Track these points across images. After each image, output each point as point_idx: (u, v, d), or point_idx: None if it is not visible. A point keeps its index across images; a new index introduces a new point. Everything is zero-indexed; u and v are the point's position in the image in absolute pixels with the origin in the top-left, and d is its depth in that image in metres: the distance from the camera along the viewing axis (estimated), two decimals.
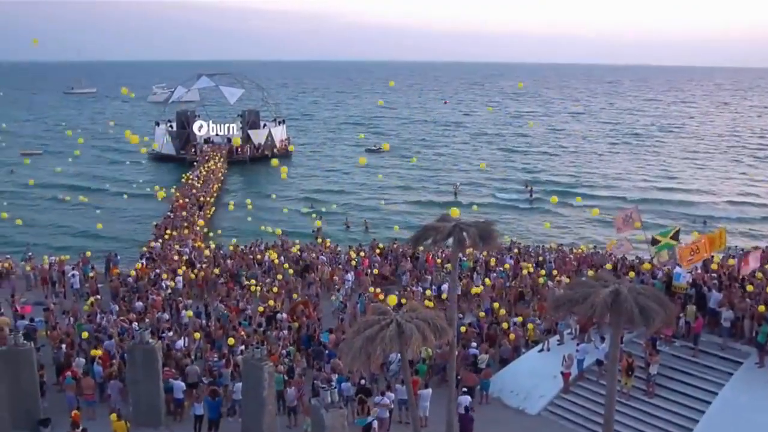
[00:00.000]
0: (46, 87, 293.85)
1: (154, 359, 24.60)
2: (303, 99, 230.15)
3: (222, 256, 45.79)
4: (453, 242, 23.05)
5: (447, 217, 24.35)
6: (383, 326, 20.38)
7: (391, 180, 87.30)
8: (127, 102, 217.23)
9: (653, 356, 25.75)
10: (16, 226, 55.80)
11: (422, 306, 23.95)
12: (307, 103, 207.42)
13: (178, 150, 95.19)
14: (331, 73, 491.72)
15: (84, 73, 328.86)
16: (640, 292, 17.90)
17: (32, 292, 41.04)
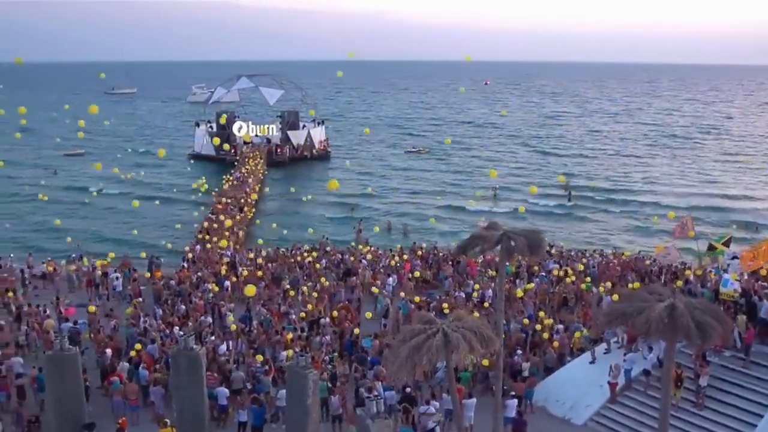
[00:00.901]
0: (88, 87, 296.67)
1: (198, 365, 24.53)
2: (339, 99, 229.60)
3: (264, 258, 45.76)
4: (500, 251, 22.75)
5: (495, 225, 24.04)
6: (429, 335, 20.15)
7: (430, 182, 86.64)
8: (166, 102, 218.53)
9: (703, 368, 25.22)
10: (59, 228, 56.29)
11: (468, 314, 23.65)
12: (342, 103, 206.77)
13: (218, 150, 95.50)
14: (368, 72, 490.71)
15: (124, 73, 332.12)
16: (696, 307, 17.47)
17: (75, 294, 41.26)
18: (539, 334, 31.45)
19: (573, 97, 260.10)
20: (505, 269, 26.15)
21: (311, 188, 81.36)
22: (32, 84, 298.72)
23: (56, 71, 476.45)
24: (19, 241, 57.07)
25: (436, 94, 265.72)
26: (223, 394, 25.77)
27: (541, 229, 62.27)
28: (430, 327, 20.57)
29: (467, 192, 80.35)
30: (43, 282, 42.64)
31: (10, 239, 56.96)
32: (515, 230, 23.21)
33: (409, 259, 45.23)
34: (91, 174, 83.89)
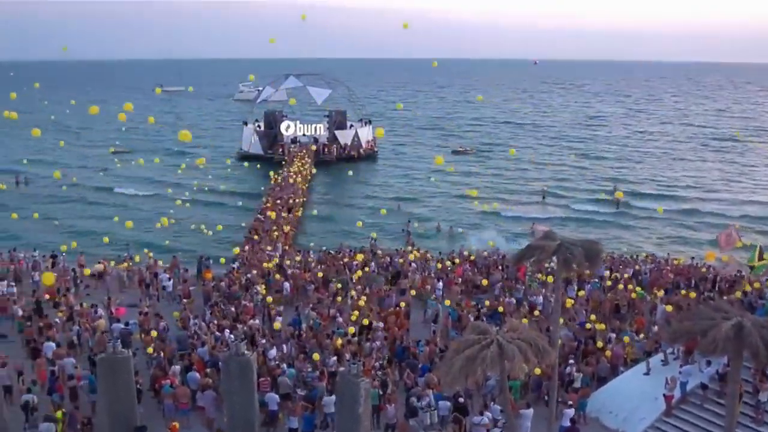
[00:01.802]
0: (139, 85, 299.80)
1: (250, 371, 24.47)
2: (384, 97, 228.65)
3: (312, 260, 45.69)
4: (558, 262, 22.38)
5: (551, 234, 23.69)
6: (484, 346, 19.91)
7: (477, 183, 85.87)
8: (213, 100, 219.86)
9: (763, 383, 24.60)
10: (110, 227, 56.62)
11: (523, 325, 23.30)
12: (387, 102, 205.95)
13: (266, 150, 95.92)
14: (413, 71, 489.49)
15: (174, 70, 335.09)
16: (764, 326, 17.00)
17: (126, 294, 41.53)
18: (592, 343, 31.00)
19: (618, 96, 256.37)
20: (560, 280, 25.71)
21: (358, 188, 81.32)
22: (80, 82, 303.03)
23: (106, 69, 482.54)
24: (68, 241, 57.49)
25: (478, 93, 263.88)
26: (274, 399, 25.68)
27: (590, 229, 62.42)
28: (484, 337, 20.33)
29: (514, 194, 79.65)
30: (95, 282, 42.98)
31: (60, 238, 57.35)
32: (572, 240, 22.82)
33: (460, 263, 44.72)
34: (137, 173, 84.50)
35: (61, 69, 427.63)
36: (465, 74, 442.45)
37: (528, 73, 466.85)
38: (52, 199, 73.73)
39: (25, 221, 62.09)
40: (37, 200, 71.65)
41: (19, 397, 26.16)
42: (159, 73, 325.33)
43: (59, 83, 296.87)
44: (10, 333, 34.59)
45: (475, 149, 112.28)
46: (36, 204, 69.51)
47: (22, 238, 58.01)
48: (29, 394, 25.59)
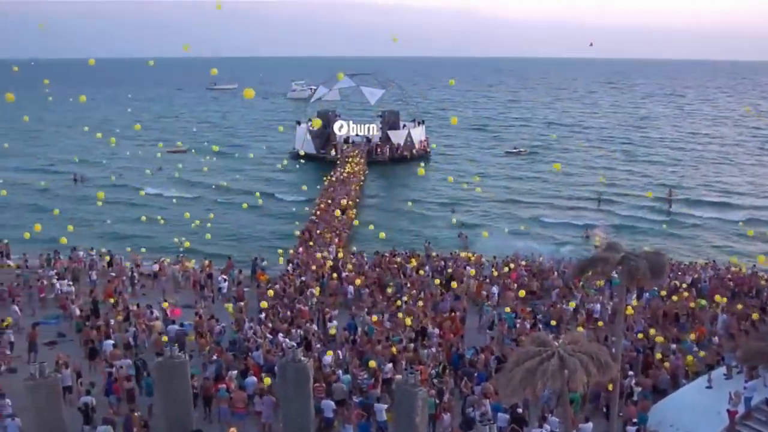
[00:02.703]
0: (190, 83, 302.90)
1: (306, 377, 24.42)
2: (432, 97, 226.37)
3: (366, 263, 45.53)
4: (621, 274, 21.93)
5: (615, 245, 23.18)
6: (544, 359, 19.58)
7: (531, 186, 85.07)
8: (267, 99, 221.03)
9: None
10: (163, 227, 57.05)
11: (584, 337, 22.81)
12: (436, 101, 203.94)
13: (319, 149, 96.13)
14: (463, 69, 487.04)
15: (226, 69, 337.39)
16: None
17: (180, 294, 41.81)
18: (652, 354, 30.40)
19: (671, 96, 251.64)
20: (624, 292, 25.02)
21: (411, 189, 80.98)
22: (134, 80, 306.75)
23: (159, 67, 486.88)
24: (124, 239, 57.92)
25: (528, 93, 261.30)
26: (329, 406, 25.50)
27: (644, 234, 61.18)
28: (544, 349, 20.00)
29: (568, 198, 78.49)
30: (151, 281, 43.33)
31: (116, 237, 57.86)
32: (636, 252, 22.33)
33: (515, 269, 44.21)
34: (194, 171, 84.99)
35: (116, 67, 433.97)
36: (516, 73, 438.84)
37: (581, 72, 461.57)
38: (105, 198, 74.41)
39: (77, 220, 62.98)
40: (92, 199, 72.33)
41: (77, 399, 26.38)
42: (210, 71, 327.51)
43: (113, 82, 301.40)
44: (68, 332, 34.99)
45: (527, 150, 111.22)
46: (89, 203, 70.34)
47: (74, 237, 58.49)
48: (88, 396, 25.76)
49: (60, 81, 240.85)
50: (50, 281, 40.55)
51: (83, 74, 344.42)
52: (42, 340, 33.23)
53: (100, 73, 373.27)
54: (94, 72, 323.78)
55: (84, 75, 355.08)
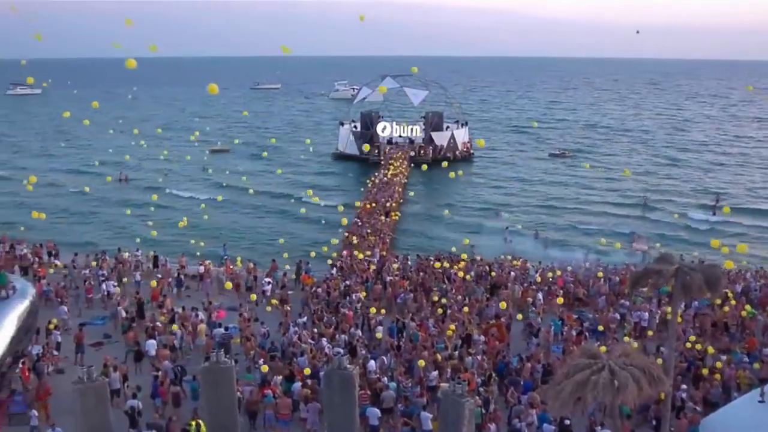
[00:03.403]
0: (235, 82, 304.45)
1: (352, 385, 24.21)
2: (472, 97, 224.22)
3: (410, 267, 45.26)
4: (675, 287, 21.50)
5: (668, 256, 22.76)
6: (594, 371, 19.28)
7: (575, 189, 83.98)
8: (310, 98, 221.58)
9: None
10: (209, 227, 57.20)
11: (634, 350, 22.39)
12: (476, 102, 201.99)
13: (362, 150, 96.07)
14: (506, 69, 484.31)
15: (269, 68, 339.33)
16: None
17: (225, 296, 41.87)
18: (702, 365, 29.81)
19: (715, 98, 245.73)
20: (678, 303, 24.54)
21: (455, 192, 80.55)
22: (179, 79, 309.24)
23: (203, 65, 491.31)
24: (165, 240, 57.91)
25: (573, 93, 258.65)
26: (375, 414, 25.33)
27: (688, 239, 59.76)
28: (595, 362, 19.70)
29: (612, 202, 77.14)
30: (196, 283, 43.45)
31: (158, 238, 57.89)
32: (691, 264, 21.90)
33: (561, 275, 43.58)
34: (237, 171, 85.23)
35: (158, 66, 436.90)
36: (558, 73, 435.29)
37: (623, 72, 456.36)
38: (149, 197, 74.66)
39: (123, 219, 63.37)
40: (136, 198, 72.93)
41: (124, 402, 26.49)
42: (255, 71, 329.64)
43: (160, 80, 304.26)
44: (114, 334, 35.15)
45: (572, 153, 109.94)
46: (133, 203, 70.86)
47: (120, 236, 58.84)
48: (134, 400, 25.86)
49: (106, 80, 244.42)
50: (97, 282, 40.89)
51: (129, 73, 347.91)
52: (88, 341, 33.52)
53: (146, 73, 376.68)
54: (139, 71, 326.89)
55: (129, 74, 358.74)
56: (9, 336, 27.02)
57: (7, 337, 26.88)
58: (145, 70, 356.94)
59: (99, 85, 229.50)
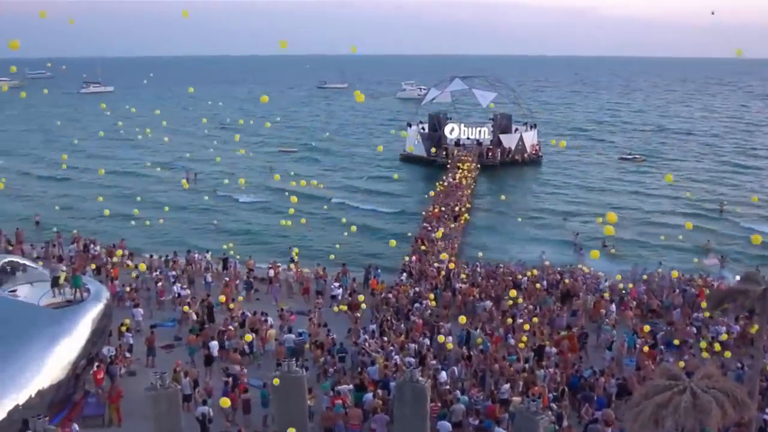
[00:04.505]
0: (300, 81, 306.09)
1: (424, 398, 24.05)
2: (537, 98, 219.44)
3: (481, 273, 44.72)
4: (762, 309, 20.71)
5: (753, 275, 21.96)
6: (675, 393, 18.68)
7: (644, 195, 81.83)
8: (377, 98, 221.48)
9: None
10: (278, 229, 57.12)
11: (719, 373, 21.64)
12: (540, 103, 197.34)
13: (429, 152, 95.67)
14: (572, 69, 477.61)
15: (335, 67, 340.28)
16: None
17: (294, 300, 41.88)
18: None
19: None
20: (765, 321, 23.59)
21: (523, 195, 79.57)
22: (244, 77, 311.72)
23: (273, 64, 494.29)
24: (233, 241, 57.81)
25: (639, 94, 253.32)
26: (446, 428, 24.97)
27: None
28: (675, 384, 19.10)
29: (685, 208, 75.01)
30: (265, 286, 43.48)
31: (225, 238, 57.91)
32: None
33: (634, 285, 42.45)
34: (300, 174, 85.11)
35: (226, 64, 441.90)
36: (627, 73, 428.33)
37: (693, 72, 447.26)
38: (216, 198, 75.11)
39: (190, 219, 63.78)
40: (203, 198, 73.38)
41: (195, 408, 26.59)
42: (322, 70, 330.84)
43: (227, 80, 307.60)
44: (185, 336, 35.24)
45: (643, 157, 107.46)
46: (200, 202, 71.44)
47: (184, 239, 59.12)
48: (204, 406, 25.94)
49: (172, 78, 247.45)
50: (169, 283, 41.24)
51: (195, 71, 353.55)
52: (159, 344, 33.81)
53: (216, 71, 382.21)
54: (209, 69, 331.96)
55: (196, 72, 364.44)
56: (84, 339, 27.44)
57: (81, 339, 27.29)
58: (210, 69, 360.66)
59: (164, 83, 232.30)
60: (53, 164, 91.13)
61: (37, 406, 23.59)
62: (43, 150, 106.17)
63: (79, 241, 49.66)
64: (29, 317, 26.78)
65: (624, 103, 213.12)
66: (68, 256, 47.13)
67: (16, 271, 30.62)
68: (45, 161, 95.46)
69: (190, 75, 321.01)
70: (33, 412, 22.24)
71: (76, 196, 75.39)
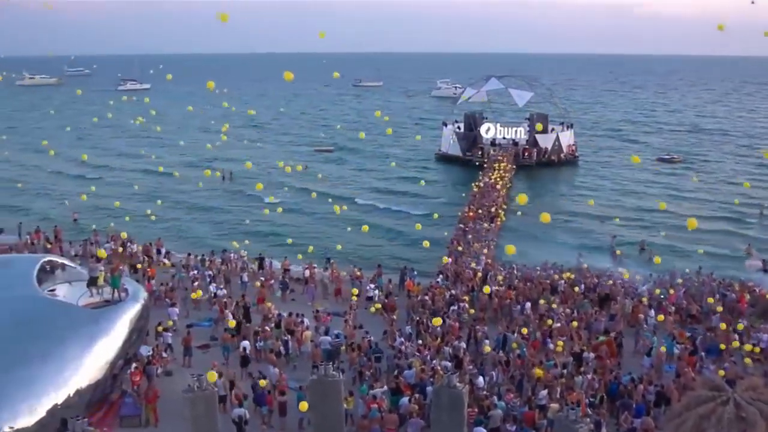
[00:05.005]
0: (337, 79, 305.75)
1: (461, 404, 23.87)
2: (571, 97, 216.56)
3: (518, 276, 44.35)
4: None
5: None
6: (718, 405, 18.34)
7: (683, 197, 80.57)
8: (412, 97, 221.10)
9: None
10: (309, 230, 57.07)
11: (763, 384, 21.22)
12: (574, 102, 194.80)
13: (464, 152, 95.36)
14: (606, 67, 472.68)
15: (371, 65, 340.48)
16: None
17: (328, 301, 41.84)
18: None
19: None
20: None
21: (560, 197, 78.93)
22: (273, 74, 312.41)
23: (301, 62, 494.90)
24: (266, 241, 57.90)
25: (674, 93, 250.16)
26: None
27: None
28: (718, 394, 18.75)
29: (725, 210, 73.78)
30: (301, 286, 43.48)
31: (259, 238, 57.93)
32: None
33: (675, 290, 41.60)
34: (338, 171, 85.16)
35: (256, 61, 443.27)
36: (663, 71, 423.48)
37: (731, 71, 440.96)
38: (249, 197, 75.19)
39: (226, 218, 63.87)
40: (239, 197, 73.53)
41: (231, 409, 26.57)
42: (356, 68, 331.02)
43: (255, 75, 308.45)
44: (221, 336, 35.27)
45: (681, 157, 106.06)
46: (237, 201, 71.35)
47: (225, 236, 59.14)
48: (241, 408, 25.93)
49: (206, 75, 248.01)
50: (205, 283, 41.37)
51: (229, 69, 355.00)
52: (195, 344, 33.89)
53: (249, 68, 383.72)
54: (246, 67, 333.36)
55: (230, 69, 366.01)
56: (121, 339, 27.65)
57: (119, 340, 27.50)
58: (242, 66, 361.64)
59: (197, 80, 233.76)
60: (86, 162, 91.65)
61: (76, 406, 23.85)
62: (76, 148, 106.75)
63: (116, 239, 49.97)
64: (68, 317, 27.00)
65: (660, 103, 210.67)
66: (106, 253, 47.38)
67: (55, 270, 30.90)
68: (77, 159, 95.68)
69: (224, 72, 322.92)
70: (72, 412, 22.51)
71: (107, 196, 75.70)
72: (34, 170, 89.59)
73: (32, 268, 28.73)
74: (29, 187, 77.71)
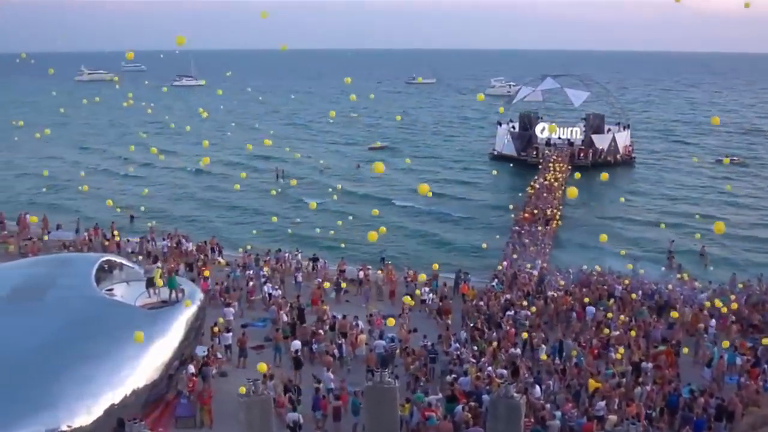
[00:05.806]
0: (390, 76, 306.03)
1: (518, 415, 23.47)
2: (625, 96, 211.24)
3: (572, 281, 43.67)
4: None
5: None
6: None
7: (743, 200, 78.29)
8: (465, 94, 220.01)
9: None
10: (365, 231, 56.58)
11: None
12: (629, 101, 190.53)
13: (519, 152, 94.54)
14: (663, 66, 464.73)
15: (427, 62, 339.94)
16: None
17: (383, 303, 41.60)
18: None
19: None
20: None
21: (614, 199, 77.59)
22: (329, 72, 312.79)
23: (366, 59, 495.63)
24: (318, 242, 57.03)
25: (731, 93, 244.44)
26: None
27: None
28: None
29: None
30: (355, 288, 43.30)
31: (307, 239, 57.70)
32: None
33: (736, 298, 39.84)
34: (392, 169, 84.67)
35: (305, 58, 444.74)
36: (722, 70, 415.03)
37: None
38: (304, 195, 75.00)
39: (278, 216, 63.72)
40: (291, 197, 73.61)
41: (285, 413, 26.49)
42: (411, 65, 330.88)
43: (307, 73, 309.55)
44: (274, 337, 35.06)
45: (741, 159, 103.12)
46: (290, 201, 71.67)
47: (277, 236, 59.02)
48: (294, 413, 25.86)
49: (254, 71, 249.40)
50: (259, 282, 41.41)
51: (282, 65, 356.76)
52: (250, 344, 33.93)
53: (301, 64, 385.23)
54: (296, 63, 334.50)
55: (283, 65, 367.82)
56: (177, 340, 27.80)
57: (175, 341, 27.66)
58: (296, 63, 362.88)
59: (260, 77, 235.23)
60: (138, 159, 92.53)
61: (132, 405, 24.02)
62: (125, 144, 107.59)
63: (172, 237, 50.30)
64: (125, 317, 27.19)
65: (718, 103, 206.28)
66: (161, 251, 47.83)
67: (113, 269, 31.17)
68: (127, 156, 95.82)
69: (278, 68, 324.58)
70: (128, 411, 22.69)
71: (163, 196, 76.50)
72: (90, 171, 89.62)
73: (91, 268, 29.02)
74: (86, 182, 78.27)
